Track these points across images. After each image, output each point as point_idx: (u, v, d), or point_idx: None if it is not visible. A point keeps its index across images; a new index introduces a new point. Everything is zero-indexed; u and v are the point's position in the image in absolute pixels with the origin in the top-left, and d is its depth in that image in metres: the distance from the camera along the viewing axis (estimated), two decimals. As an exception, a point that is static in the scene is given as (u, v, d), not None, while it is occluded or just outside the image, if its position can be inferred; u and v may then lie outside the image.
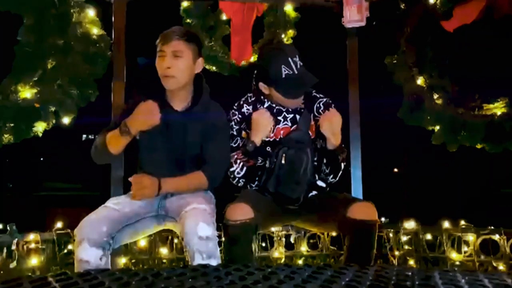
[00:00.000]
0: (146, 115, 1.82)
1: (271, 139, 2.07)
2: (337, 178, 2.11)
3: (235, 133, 2.09)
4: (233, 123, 2.11)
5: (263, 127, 1.98)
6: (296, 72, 1.95)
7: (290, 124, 2.10)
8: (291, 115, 2.10)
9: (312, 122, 2.11)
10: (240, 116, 2.11)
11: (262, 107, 2.09)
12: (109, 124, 2.05)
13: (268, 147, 2.05)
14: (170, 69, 1.89)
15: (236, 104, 2.16)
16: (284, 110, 2.10)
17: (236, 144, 2.08)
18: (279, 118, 2.09)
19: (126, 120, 1.84)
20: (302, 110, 2.11)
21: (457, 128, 2.77)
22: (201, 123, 1.98)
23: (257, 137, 1.98)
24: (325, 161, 2.06)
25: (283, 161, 1.97)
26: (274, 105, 2.10)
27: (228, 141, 2.06)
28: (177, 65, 1.90)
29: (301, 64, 1.98)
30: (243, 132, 2.09)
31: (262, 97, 2.11)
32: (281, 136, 2.07)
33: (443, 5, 2.73)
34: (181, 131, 1.97)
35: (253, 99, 2.14)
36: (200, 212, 1.74)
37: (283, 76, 1.94)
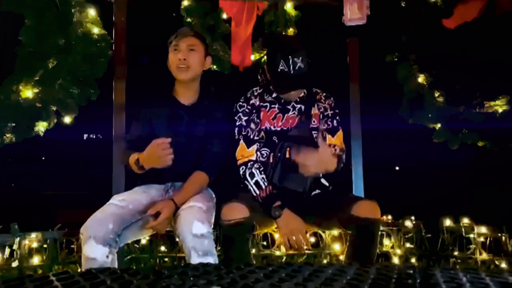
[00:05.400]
0: (159, 155, 1.79)
1: (279, 129, 2.08)
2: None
3: (244, 123, 2.09)
4: (241, 114, 2.11)
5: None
6: (291, 72, 1.94)
7: (297, 113, 2.11)
8: (299, 105, 2.12)
9: (316, 111, 2.13)
10: (249, 107, 2.12)
11: (270, 97, 2.10)
12: (110, 125, 2.14)
13: (274, 137, 2.06)
14: (186, 60, 2.00)
15: (242, 98, 2.17)
16: (292, 100, 2.12)
17: (248, 135, 2.07)
18: (288, 107, 2.10)
19: (140, 159, 1.84)
20: (308, 103, 2.13)
21: (458, 125, 2.77)
22: (207, 119, 2.05)
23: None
24: None
25: (287, 155, 1.98)
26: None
27: (228, 138, 2.08)
28: (192, 57, 2.02)
29: (302, 66, 1.94)
30: (252, 124, 2.09)
31: (271, 87, 2.12)
32: (289, 126, 2.08)
33: (444, 3, 2.73)
34: (187, 125, 2.05)
35: (259, 91, 2.15)
36: (195, 210, 1.76)
37: (278, 70, 1.97)
